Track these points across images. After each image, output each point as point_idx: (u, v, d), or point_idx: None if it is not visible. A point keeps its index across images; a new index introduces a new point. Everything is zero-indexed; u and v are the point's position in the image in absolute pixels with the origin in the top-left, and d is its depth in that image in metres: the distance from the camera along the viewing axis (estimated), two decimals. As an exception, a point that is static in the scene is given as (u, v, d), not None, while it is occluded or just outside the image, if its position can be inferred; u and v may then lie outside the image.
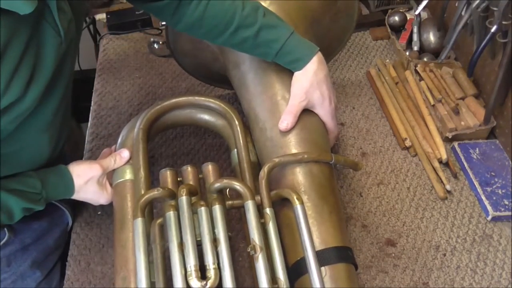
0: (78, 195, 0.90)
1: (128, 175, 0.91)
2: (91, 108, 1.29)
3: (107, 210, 1.04)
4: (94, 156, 1.15)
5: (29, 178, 0.83)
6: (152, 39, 1.42)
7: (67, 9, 0.77)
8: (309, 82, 0.89)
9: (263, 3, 0.93)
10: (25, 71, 0.71)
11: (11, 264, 0.95)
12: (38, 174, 0.85)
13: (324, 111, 0.93)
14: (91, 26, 1.72)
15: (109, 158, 0.91)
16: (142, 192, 0.86)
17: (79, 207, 1.05)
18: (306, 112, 0.91)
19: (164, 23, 1.47)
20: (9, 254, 0.94)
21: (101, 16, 1.55)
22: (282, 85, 0.93)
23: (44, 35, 0.74)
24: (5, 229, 0.90)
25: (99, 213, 1.05)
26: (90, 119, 1.26)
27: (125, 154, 0.92)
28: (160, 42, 1.40)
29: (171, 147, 1.17)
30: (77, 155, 1.16)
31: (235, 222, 1.00)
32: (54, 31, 0.75)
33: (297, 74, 0.90)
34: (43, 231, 0.98)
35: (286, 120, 0.89)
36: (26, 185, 0.82)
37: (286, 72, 0.93)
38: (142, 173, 0.88)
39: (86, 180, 0.88)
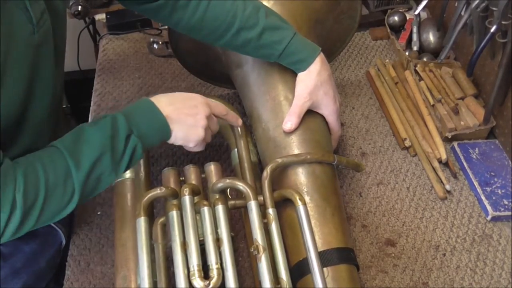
0: (177, 114, 0.83)
1: (128, 173, 0.91)
2: (91, 108, 1.28)
3: (106, 211, 1.04)
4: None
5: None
6: (151, 39, 1.41)
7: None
8: (313, 83, 0.89)
9: (266, 4, 0.93)
10: None
11: None
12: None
13: (328, 111, 0.93)
14: (90, 26, 1.71)
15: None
16: (143, 191, 0.86)
17: (77, 209, 1.05)
18: (309, 112, 0.91)
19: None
20: None
21: (100, 16, 1.54)
22: (285, 86, 0.93)
23: (14, 20, 0.69)
24: None
25: (98, 213, 1.04)
26: (89, 119, 1.26)
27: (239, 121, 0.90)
28: (160, 42, 1.40)
29: (171, 147, 1.17)
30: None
31: (235, 222, 1.00)
32: (25, 16, 0.71)
33: (300, 75, 0.90)
34: (34, 254, 0.94)
35: (290, 121, 0.89)
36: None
37: (289, 72, 0.93)
38: (142, 172, 0.88)
39: (188, 97, 0.85)
